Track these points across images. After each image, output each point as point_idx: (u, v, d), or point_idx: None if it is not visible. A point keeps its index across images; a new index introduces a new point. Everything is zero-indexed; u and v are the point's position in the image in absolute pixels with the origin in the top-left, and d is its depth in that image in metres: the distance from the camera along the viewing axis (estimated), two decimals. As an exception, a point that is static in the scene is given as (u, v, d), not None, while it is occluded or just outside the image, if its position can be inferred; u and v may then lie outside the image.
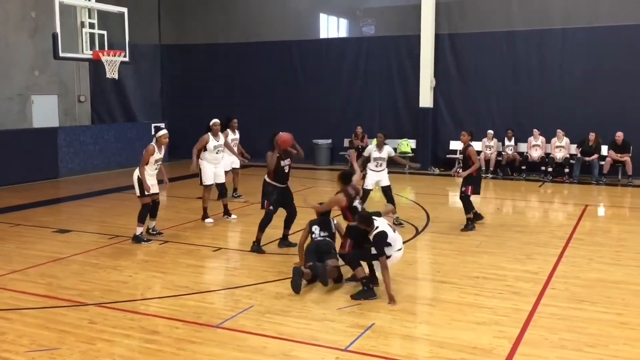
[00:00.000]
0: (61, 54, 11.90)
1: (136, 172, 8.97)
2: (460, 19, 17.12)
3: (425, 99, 17.40)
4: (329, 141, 18.56)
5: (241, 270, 7.85)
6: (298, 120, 18.28)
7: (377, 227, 6.54)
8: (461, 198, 10.04)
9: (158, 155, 9.01)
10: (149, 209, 9.08)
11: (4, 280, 7.38)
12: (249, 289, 7.03)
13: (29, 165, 14.96)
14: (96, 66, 15.55)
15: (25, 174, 14.80)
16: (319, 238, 7.30)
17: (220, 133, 10.70)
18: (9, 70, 16.13)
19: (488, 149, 16.27)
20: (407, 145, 17.58)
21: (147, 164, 8.88)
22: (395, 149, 17.54)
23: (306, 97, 18.81)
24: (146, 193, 8.94)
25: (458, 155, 14.46)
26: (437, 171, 17.27)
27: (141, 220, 9.00)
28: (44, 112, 16.94)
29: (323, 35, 19.28)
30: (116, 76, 12.86)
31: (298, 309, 6.34)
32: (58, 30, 11.57)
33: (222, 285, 7.32)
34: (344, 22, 19.37)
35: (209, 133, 10.52)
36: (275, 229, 8.81)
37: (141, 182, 8.88)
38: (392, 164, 10.69)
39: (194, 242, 9.18)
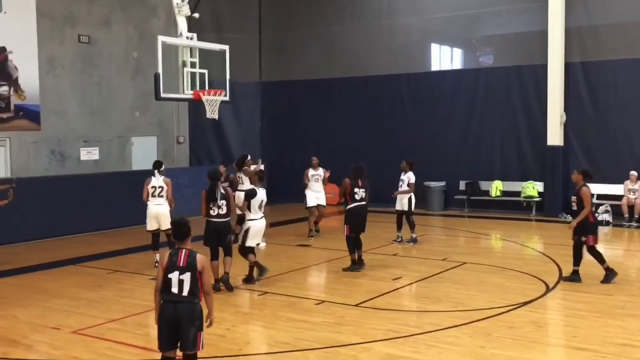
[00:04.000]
0: (162, 95, 12.67)
1: None
2: (595, 45, 16.57)
3: (555, 137, 16.87)
4: (443, 183, 18.37)
5: (346, 326, 7.89)
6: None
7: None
8: (588, 251, 9.74)
9: None
10: None
11: (102, 329, 7.87)
12: (355, 348, 7.04)
13: (127, 208, 15.87)
14: (195, 106, 16.44)
15: (124, 218, 15.73)
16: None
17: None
18: (110, 111, 17.50)
19: (631, 192, 15.42)
20: (534, 188, 17.04)
21: None
22: (519, 193, 17.19)
23: (417, 134, 18.75)
24: None
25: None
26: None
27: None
28: (143, 154, 18.09)
29: (435, 67, 19.34)
30: (216, 116, 13.42)
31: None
32: (160, 70, 12.35)
33: (325, 343, 7.37)
34: (458, 53, 19.35)
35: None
36: (384, 282, 8.71)
37: None
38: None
39: (295, 294, 9.33)
